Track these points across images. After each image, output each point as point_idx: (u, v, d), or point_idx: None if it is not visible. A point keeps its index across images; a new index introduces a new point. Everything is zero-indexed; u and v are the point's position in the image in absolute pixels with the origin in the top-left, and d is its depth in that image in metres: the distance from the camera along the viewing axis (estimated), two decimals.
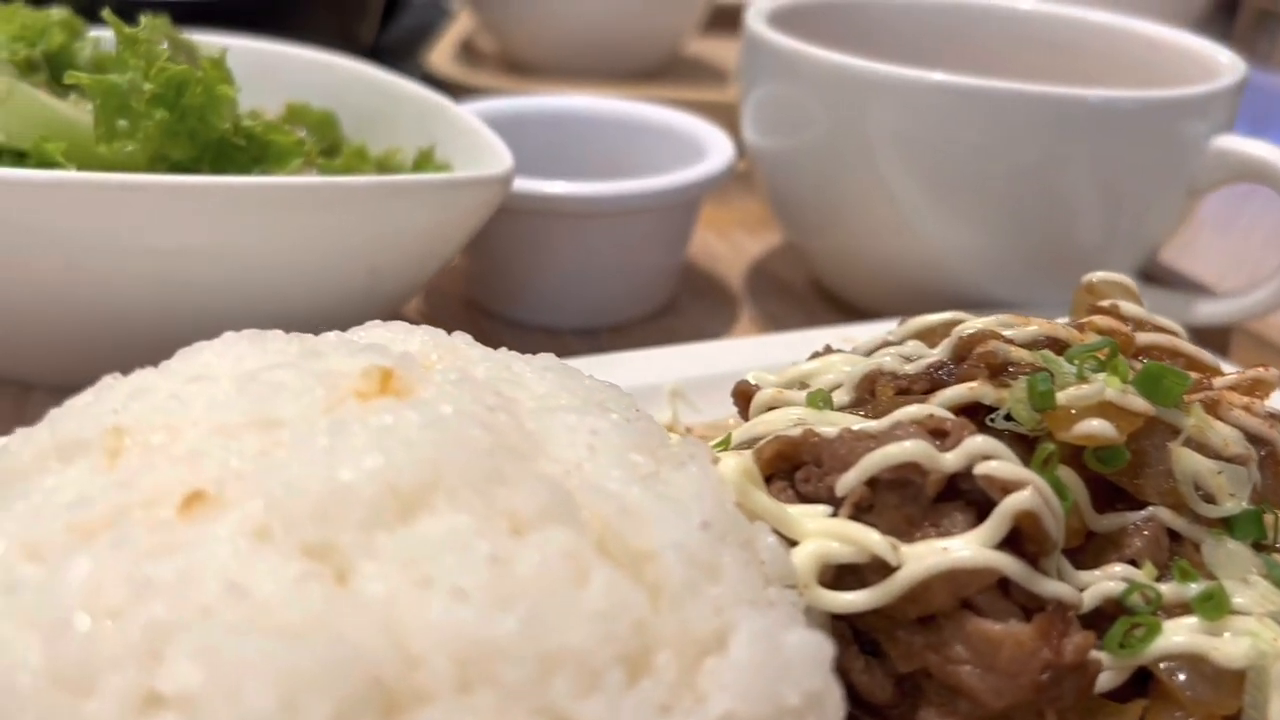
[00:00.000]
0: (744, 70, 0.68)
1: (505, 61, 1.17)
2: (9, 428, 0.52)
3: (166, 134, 0.47)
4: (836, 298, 0.68)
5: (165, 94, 0.46)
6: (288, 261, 0.47)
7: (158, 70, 0.46)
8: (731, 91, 1.12)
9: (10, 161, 0.51)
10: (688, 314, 0.67)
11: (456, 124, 0.56)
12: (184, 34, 0.64)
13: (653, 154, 0.69)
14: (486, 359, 0.33)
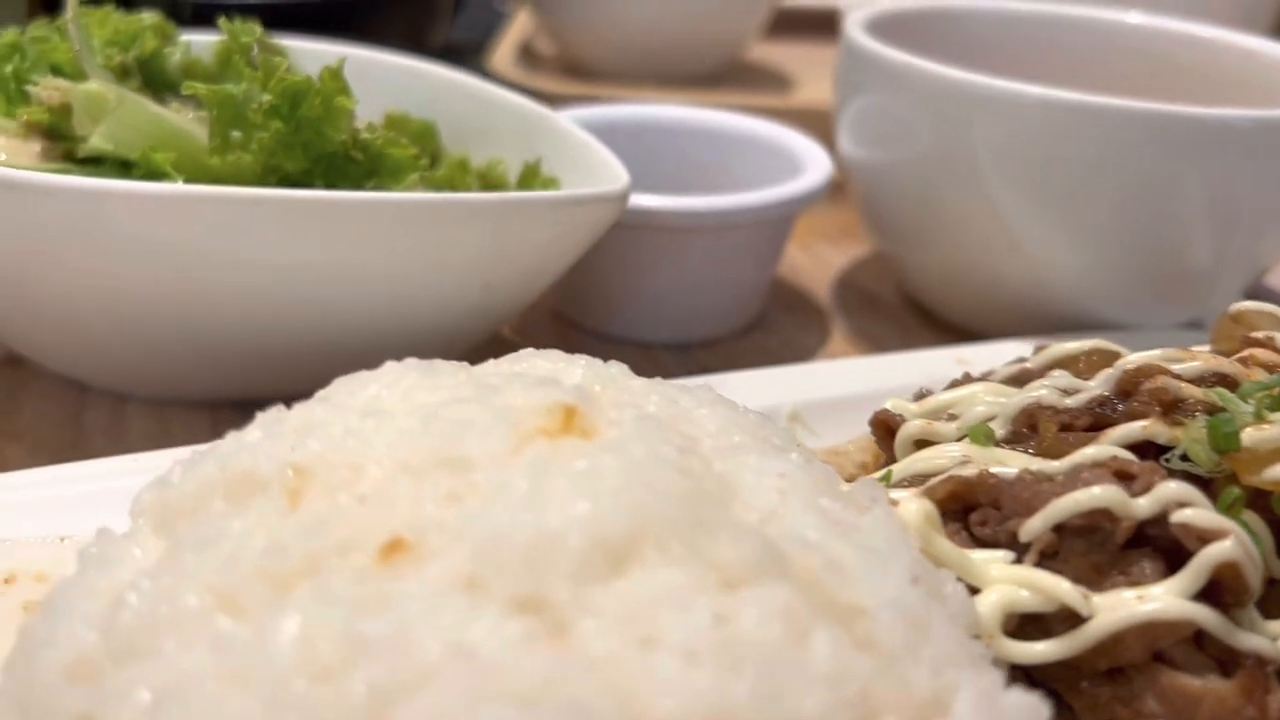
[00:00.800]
0: (841, 80, 0.66)
1: (564, 64, 1.16)
2: (106, 440, 0.52)
3: (281, 146, 0.46)
4: (931, 313, 0.67)
5: (281, 105, 0.45)
6: (404, 278, 0.46)
7: (276, 81, 0.45)
8: (796, 97, 1.11)
9: (116, 170, 0.50)
10: (779, 329, 0.65)
11: (562, 136, 0.54)
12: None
13: (745, 166, 0.67)
14: (652, 391, 0.31)
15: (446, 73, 0.61)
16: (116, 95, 0.48)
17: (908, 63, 0.59)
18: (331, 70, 0.45)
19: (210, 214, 0.43)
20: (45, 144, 0.52)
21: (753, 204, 0.58)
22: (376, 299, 0.47)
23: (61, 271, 0.46)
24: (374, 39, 0.81)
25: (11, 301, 0.50)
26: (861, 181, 0.65)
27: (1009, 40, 0.71)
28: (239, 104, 0.46)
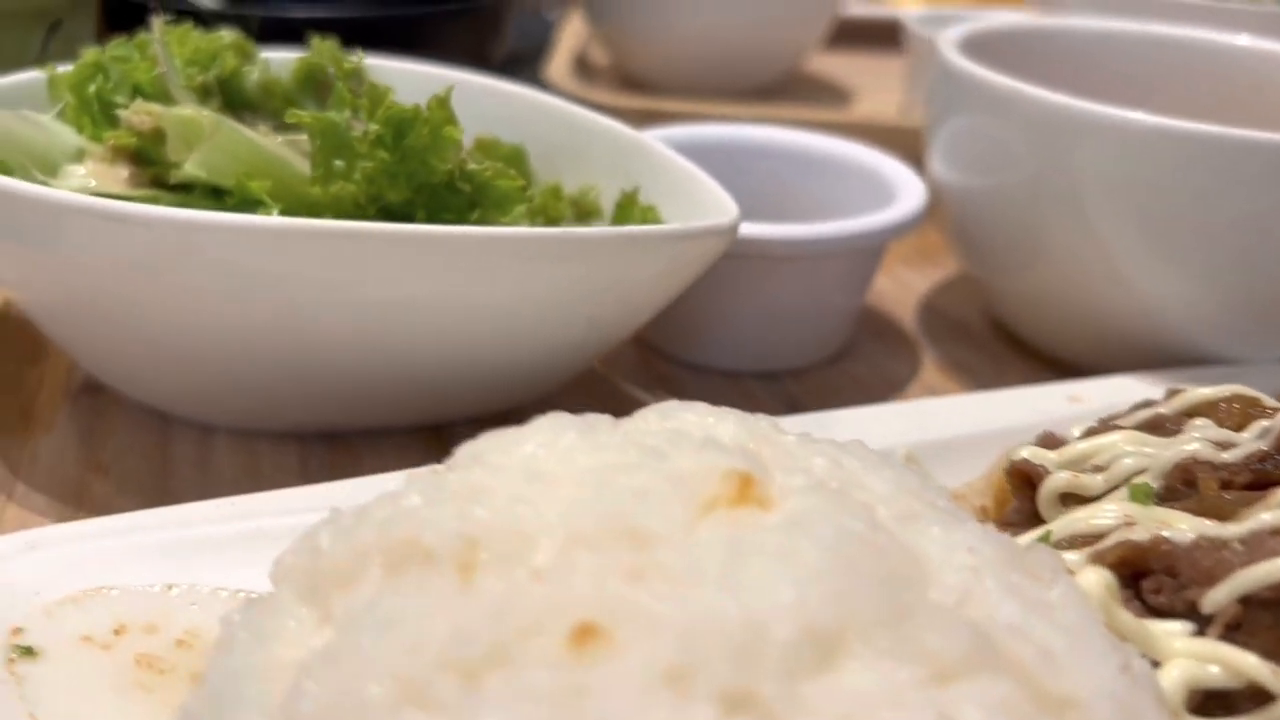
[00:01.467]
0: (935, 100, 0.65)
1: (619, 74, 1.15)
2: (194, 472, 0.51)
3: (384, 176, 0.45)
4: (1022, 341, 0.65)
5: (387, 134, 0.44)
6: (510, 313, 0.45)
7: (384, 110, 0.43)
8: (856, 110, 1.10)
9: (207, 197, 0.49)
10: (868, 357, 0.64)
11: (659, 162, 0.53)
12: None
13: (833, 189, 0.66)
14: (813, 452, 0.30)
15: (533, 94, 0.60)
16: (212, 122, 0.47)
17: (1009, 86, 0.57)
18: (439, 99, 0.44)
19: (318, 249, 0.41)
20: (132, 169, 0.51)
21: (850, 232, 0.57)
22: (478, 333, 0.46)
23: (154, 302, 0.45)
24: (438, 53, 0.80)
25: (97, 330, 0.48)
26: (955, 205, 0.63)
27: (1108, 60, 0.69)
28: (343, 133, 0.44)
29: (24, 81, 0.56)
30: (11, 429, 0.52)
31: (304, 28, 0.76)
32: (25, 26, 0.64)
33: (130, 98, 0.55)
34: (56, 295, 0.47)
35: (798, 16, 1.05)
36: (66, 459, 0.50)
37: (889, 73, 1.17)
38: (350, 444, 0.52)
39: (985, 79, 0.58)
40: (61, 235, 0.43)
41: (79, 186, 0.48)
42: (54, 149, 0.51)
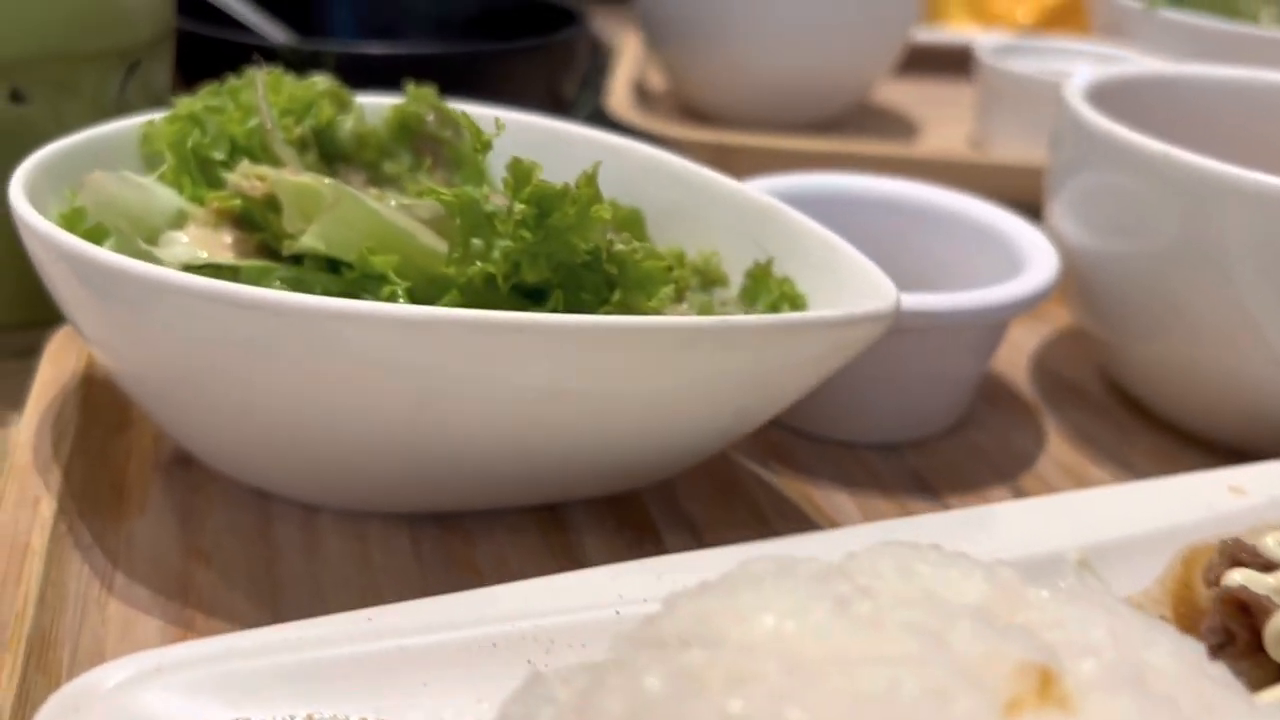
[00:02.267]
0: (1061, 150, 0.61)
1: (678, 102, 1.11)
2: (302, 559, 0.47)
3: (525, 256, 0.41)
4: (1145, 408, 0.62)
5: (531, 214, 0.41)
6: (654, 401, 0.42)
7: (531, 189, 0.40)
8: (924, 142, 1.06)
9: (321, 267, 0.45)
10: (988, 425, 0.61)
11: (789, 229, 0.49)
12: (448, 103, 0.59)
13: (953, 249, 0.62)
14: (1080, 618, 0.27)
15: (647, 150, 0.56)
16: (333, 191, 0.43)
17: (1154, 149, 0.54)
18: (588, 176, 0.41)
19: (471, 340, 0.38)
20: (237, 234, 0.48)
21: (983, 305, 0.53)
22: (617, 422, 0.43)
23: (268, 386, 0.41)
24: (515, 90, 0.77)
25: (197, 408, 0.45)
26: (1080, 264, 0.60)
27: (1250, 112, 0.66)
28: (485, 211, 0.41)
29: (111, 134, 0.53)
30: (104, 508, 0.48)
31: (380, 65, 0.73)
32: (104, 68, 0.61)
33: (228, 153, 0.52)
34: (158, 372, 0.44)
35: (871, 50, 1.02)
36: (164, 544, 0.47)
37: (957, 101, 1.14)
38: (462, 525, 0.49)
39: (1125, 139, 0.55)
40: (178, 318, 0.40)
41: (186, 257, 0.45)
42: (154, 211, 0.48)
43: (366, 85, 0.74)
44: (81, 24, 0.59)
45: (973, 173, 0.95)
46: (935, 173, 0.96)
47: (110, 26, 0.61)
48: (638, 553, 0.48)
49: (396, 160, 0.59)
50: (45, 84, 0.60)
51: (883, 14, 1.00)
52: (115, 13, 0.61)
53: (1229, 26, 0.99)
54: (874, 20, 1.00)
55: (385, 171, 0.58)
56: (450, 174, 0.60)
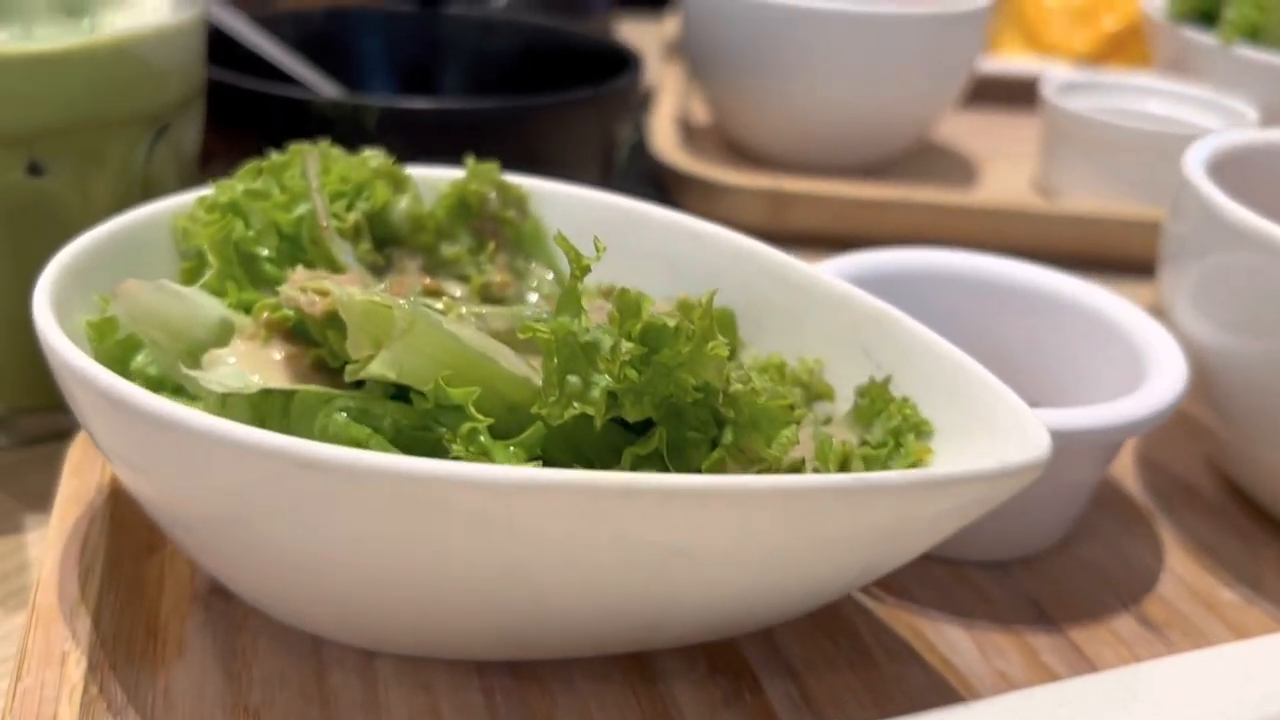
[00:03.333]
0: (1180, 231, 0.56)
1: (723, 139, 1.06)
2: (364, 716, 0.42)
3: (629, 395, 0.36)
4: (1270, 515, 0.57)
5: (639, 352, 0.35)
6: (775, 561, 0.36)
7: (641, 326, 0.35)
8: (983, 187, 1.01)
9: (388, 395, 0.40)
10: (1101, 535, 0.55)
11: (915, 345, 0.44)
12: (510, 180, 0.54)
13: (1064, 340, 0.57)
14: None
15: (734, 238, 0.51)
16: (406, 315, 0.38)
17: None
18: (703, 307, 0.35)
19: (569, 503, 0.33)
20: (289, 349, 0.42)
21: (1108, 423, 0.48)
22: (727, 580, 0.37)
23: (334, 539, 0.36)
24: (567, 142, 0.72)
25: (244, 558, 0.40)
26: (1205, 359, 0.55)
27: None
28: (587, 349, 0.36)
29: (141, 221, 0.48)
30: (138, 654, 0.43)
31: (427, 120, 0.68)
32: (131, 135, 0.55)
33: (275, 248, 0.47)
34: (202, 519, 0.39)
35: (935, 87, 0.97)
36: (207, 697, 0.42)
37: (1019, 136, 1.09)
38: (539, 673, 0.44)
39: (1265, 231, 0.50)
40: (236, 472, 0.34)
41: (235, 383, 0.40)
42: (196, 323, 0.43)
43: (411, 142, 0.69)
44: (108, 89, 0.54)
45: (1042, 223, 0.90)
46: (1002, 221, 0.91)
47: (138, 90, 0.56)
48: (736, 704, 0.43)
49: (455, 242, 0.53)
50: (67, 154, 0.54)
51: (949, 49, 0.95)
52: (144, 76, 0.56)
53: None
54: (940, 56, 0.95)
55: (443, 255, 0.53)
56: (513, 257, 0.54)
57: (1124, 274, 0.87)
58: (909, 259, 0.60)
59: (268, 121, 0.69)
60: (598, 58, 0.85)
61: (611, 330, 0.35)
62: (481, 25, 0.91)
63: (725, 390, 0.36)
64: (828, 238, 0.90)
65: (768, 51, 0.93)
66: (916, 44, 0.92)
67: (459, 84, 0.89)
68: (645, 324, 0.35)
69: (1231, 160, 0.58)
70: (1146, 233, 0.88)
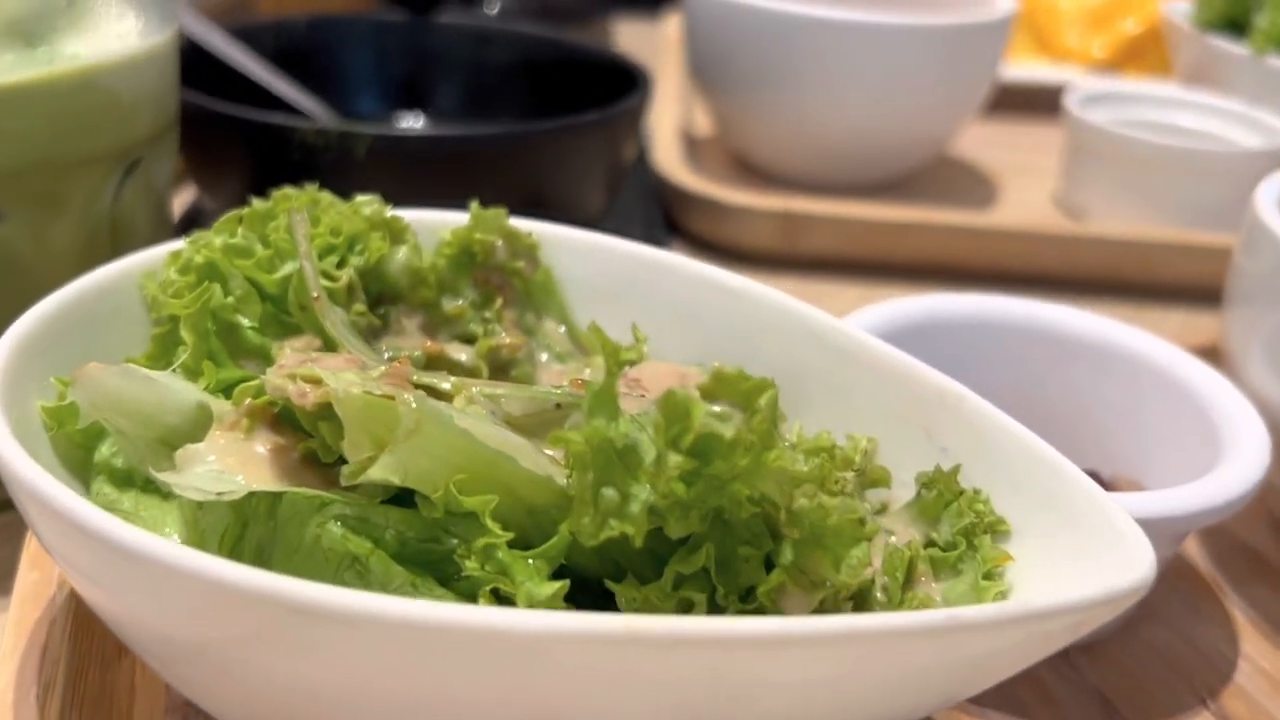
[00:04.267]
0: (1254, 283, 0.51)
1: (730, 154, 1.01)
2: None
3: (674, 510, 0.31)
4: None
5: (689, 464, 0.30)
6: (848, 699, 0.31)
7: (693, 437, 0.29)
8: (1003, 206, 0.96)
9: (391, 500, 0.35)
10: (1166, 616, 0.50)
11: (989, 431, 0.39)
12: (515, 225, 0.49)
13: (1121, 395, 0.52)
14: None
15: (775, 297, 0.46)
16: (413, 415, 0.33)
17: None
18: (763, 410, 0.30)
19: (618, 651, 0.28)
20: (274, 440, 0.37)
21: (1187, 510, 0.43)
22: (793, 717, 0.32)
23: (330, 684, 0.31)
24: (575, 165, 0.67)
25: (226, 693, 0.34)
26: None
27: None
28: (622, 453, 0.30)
29: (104, 285, 0.42)
30: None
31: (423, 149, 0.62)
32: (98, 174, 0.50)
33: (258, 315, 0.41)
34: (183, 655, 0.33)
35: (952, 105, 0.91)
36: None
37: (1039, 147, 1.04)
38: None
39: None
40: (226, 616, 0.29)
41: (213, 485, 0.34)
42: (167, 409, 0.37)
43: (405, 172, 0.64)
44: (70, 126, 0.49)
45: (1069, 246, 0.85)
46: (1027, 244, 0.86)
47: (104, 125, 0.50)
48: None
49: (458, 296, 0.48)
50: (24, 198, 0.49)
51: (969, 61, 0.90)
52: (111, 109, 0.50)
53: None
54: (959, 68, 0.89)
55: (445, 312, 0.48)
56: (522, 311, 0.49)
57: (1154, 300, 0.83)
58: (951, 306, 0.55)
59: (248, 150, 0.63)
60: (599, 71, 0.80)
61: (655, 436, 0.30)
62: (477, 36, 0.85)
63: (788, 506, 0.31)
64: (842, 261, 0.85)
65: (778, 63, 0.88)
66: (935, 56, 0.87)
67: (452, 99, 0.83)
68: (699, 437, 0.29)
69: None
70: (1179, 257, 0.83)
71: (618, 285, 0.49)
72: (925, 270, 0.86)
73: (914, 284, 0.84)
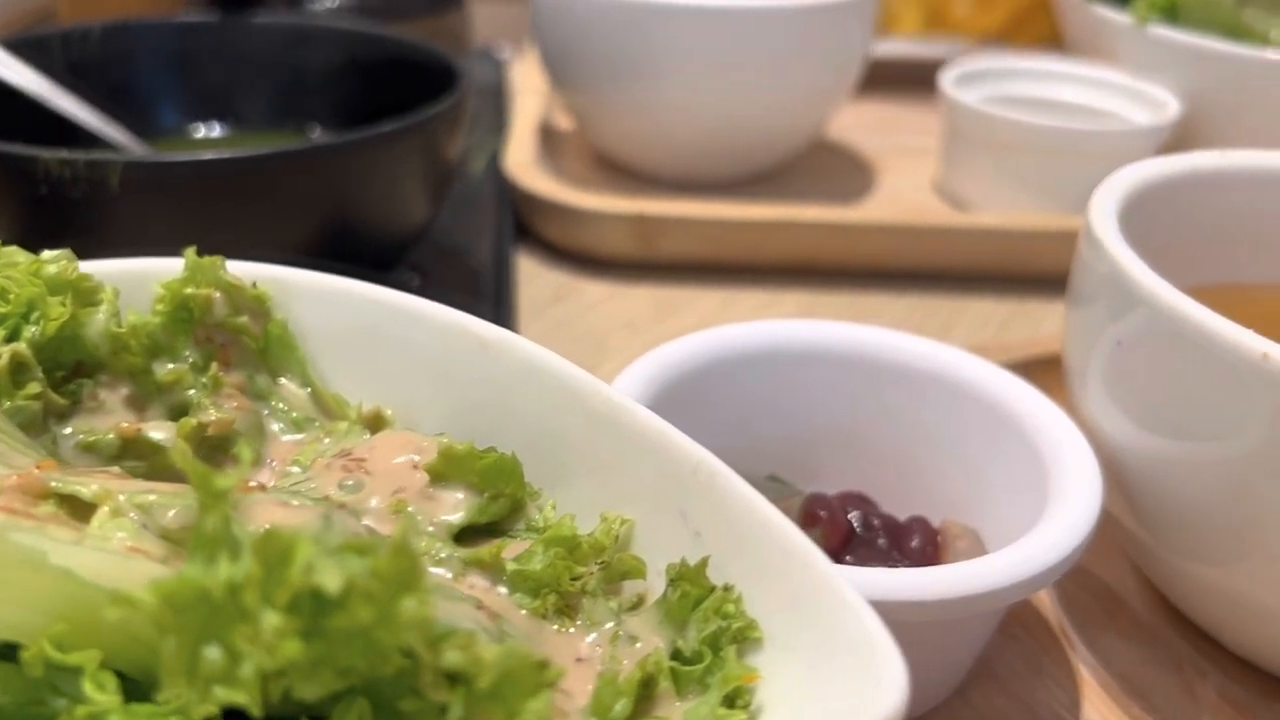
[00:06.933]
0: (1088, 307, 0.46)
1: (588, 148, 0.94)
2: None
3: (298, 671, 0.25)
4: (1210, 636, 0.47)
5: (295, 622, 0.24)
6: None
7: (289, 589, 0.23)
8: (883, 196, 0.91)
9: None
10: (1005, 675, 0.45)
11: (746, 516, 0.33)
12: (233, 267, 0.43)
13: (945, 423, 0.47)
14: None
15: (530, 350, 0.39)
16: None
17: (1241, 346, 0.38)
18: (398, 545, 0.24)
19: None
20: None
21: (1003, 583, 0.37)
22: None
23: None
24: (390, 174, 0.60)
25: None
26: (1120, 459, 0.44)
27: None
28: (219, 611, 0.24)
29: None
30: None
31: (187, 176, 0.55)
32: None
33: None
34: None
35: (818, 90, 0.85)
36: None
37: (917, 127, 0.98)
38: None
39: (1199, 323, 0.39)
40: None
41: None
42: None
43: (176, 203, 0.57)
44: None
45: (943, 238, 0.80)
46: (898, 239, 0.81)
47: None
48: None
49: (176, 359, 0.42)
50: None
51: (832, 41, 0.83)
52: None
53: (1235, 50, 0.83)
54: (822, 49, 0.83)
55: (157, 379, 0.41)
56: (253, 372, 0.43)
57: (1037, 292, 0.78)
58: (755, 334, 0.49)
59: None
60: (423, 69, 0.73)
61: (248, 591, 0.24)
62: (294, 34, 0.78)
63: (435, 664, 0.25)
64: (705, 265, 0.80)
65: (630, 54, 0.82)
66: (794, 39, 0.81)
67: (263, 106, 0.76)
68: (300, 592, 0.23)
69: (1147, 202, 0.48)
70: (1061, 245, 0.78)
71: (365, 337, 0.43)
72: (794, 270, 0.80)
73: (782, 286, 0.79)
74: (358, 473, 0.37)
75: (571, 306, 0.76)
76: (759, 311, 0.77)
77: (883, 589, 0.36)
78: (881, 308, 0.77)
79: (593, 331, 0.73)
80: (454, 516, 0.36)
